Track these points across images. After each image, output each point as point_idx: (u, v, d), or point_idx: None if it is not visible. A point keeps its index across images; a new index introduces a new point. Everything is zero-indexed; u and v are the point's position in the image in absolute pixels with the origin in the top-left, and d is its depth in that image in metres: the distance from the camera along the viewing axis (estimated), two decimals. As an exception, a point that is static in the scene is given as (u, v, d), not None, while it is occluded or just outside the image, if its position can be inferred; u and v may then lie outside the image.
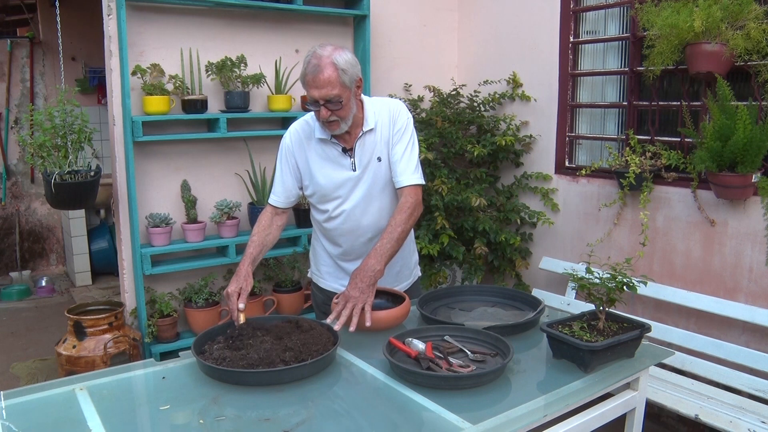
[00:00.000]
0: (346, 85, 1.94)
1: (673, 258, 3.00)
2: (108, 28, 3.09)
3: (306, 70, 1.92)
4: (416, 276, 2.41)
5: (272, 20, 3.52)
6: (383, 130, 2.12)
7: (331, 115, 1.96)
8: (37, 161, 2.94)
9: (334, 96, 1.92)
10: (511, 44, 3.80)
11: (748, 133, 2.50)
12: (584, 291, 1.77)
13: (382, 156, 2.13)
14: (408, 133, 2.14)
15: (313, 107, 1.98)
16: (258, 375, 1.59)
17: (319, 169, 2.14)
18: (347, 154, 2.11)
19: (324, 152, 2.13)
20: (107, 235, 5.47)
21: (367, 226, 2.18)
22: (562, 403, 1.53)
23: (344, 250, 2.25)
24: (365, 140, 2.11)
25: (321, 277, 2.36)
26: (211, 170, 3.46)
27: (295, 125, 2.20)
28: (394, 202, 2.18)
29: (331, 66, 1.90)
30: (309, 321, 1.88)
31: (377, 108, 2.13)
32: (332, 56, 1.91)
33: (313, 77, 1.90)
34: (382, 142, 2.12)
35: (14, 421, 1.43)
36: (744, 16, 2.57)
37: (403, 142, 2.13)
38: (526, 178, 3.72)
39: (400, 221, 2.03)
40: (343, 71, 1.92)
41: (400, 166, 2.11)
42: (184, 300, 3.36)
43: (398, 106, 2.16)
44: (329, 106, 1.94)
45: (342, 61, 1.92)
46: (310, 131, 2.14)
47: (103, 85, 4.59)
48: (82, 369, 2.84)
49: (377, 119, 2.11)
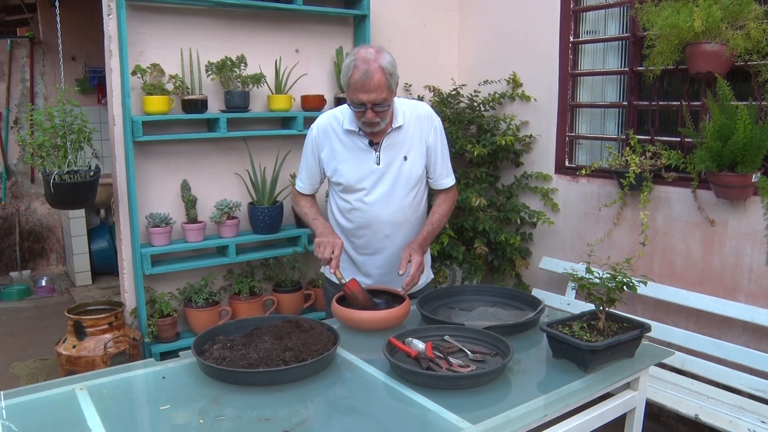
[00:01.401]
0: (392, 88, 2.01)
1: (673, 258, 3.00)
2: (108, 28, 3.09)
3: (354, 76, 1.96)
4: (428, 278, 2.43)
5: (272, 20, 3.52)
6: (412, 131, 2.18)
7: (375, 117, 2.02)
8: (36, 161, 2.94)
9: (383, 100, 1.98)
10: (511, 44, 3.80)
11: (748, 133, 2.50)
12: (584, 291, 1.77)
13: (408, 156, 2.18)
14: (444, 137, 2.26)
15: (356, 109, 2.03)
16: (258, 375, 1.58)
17: (344, 160, 2.18)
18: (373, 147, 2.15)
19: (351, 143, 2.17)
20: (107, 235, 5.47)
21: (386, 221, 2.21)
22: (562, 403, 1.53)
23: (361, 244, 2.28)
24: (392, 137, 2.15)
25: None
26: (211, 170, 3.46)
27: (323, 118, 2.25)
28: (413, 202, 2.24)
29: (380, 71, 1.95)
30: (309, 321, 1.88)
31: (406, 108, 2.19)
32: (379, 60, 1.96)
33: (364, 83, 1.94)
34: (410, 142, 2.18)
35: (14, 421, 1.43)
36: (744, 16, 2.57)
37: (442, 146, 2.25)
38: (526, 178, 3.72)
39: (446, 212, 2.28)
40: (390, 75, 1.98)
41: (444, 169, 2.28)
42: (184, 300, 3.36)
43: (428, 109, 2.24)
44: (376, 108, 1.99)
45: (388, 65, 1.98)
46: (338, 124, 2.19)
47: (103, 85, 4.59)
48: (82, 369, 2.84)
49: (405, 118, 2.17)
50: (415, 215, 2.27)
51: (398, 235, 2.24)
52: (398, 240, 2.24)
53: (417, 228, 2.27)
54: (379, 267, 2.28)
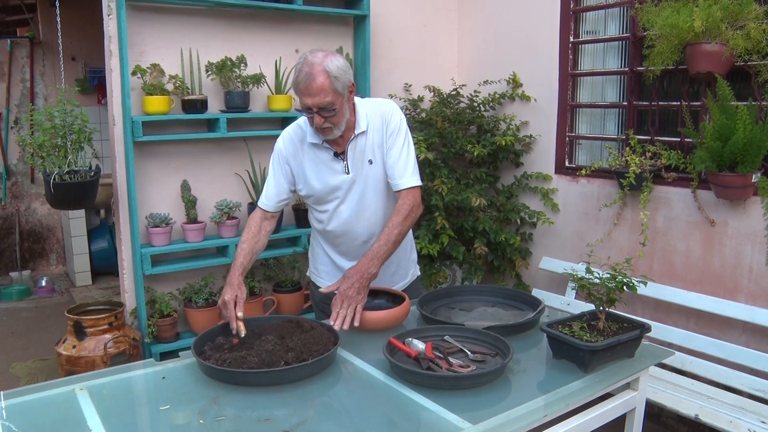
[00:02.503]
0: (338, 91, 1.92)
1: (673, 258, 3.00)
2: (108, 28, 3.09)
3: (298, 78, 1.91)
4: (414, 276, 2.41)
5: (272, 20, 3.52)
6: (375, 133, 2.11)
7: (325, 122, 1.96)
8: (36, 161, 2.94)
9: (327, 103, 1.91)
10: (511, 44, 3.80)
11: (748, 133, 2.50)
12: (584, 291, 1.77)
13: (373, 159, 2.12)
14: (402, 135, 2.12)
15: (306, 114, 1.98)
16: (259, 375, 1.58)
17: (314, 173, 2.13)
18: (339, 157, 2.11)
19: (317, 156, 2.12)
20: (107, 235, 5.47)
21: (363, 228, 2.18)
22: (562, 403, 1.53)
23: (341, 251, 2.26)
24: (357, 143, 2.10)
25: (319, 276, 2.37)
26: (211, 170, 3.46)
27: (288, 130, 2.19)
28: (388, 204, 2.18)
29: (323, 73, 1.88)
30: (309, 321, 1.88)
31: (369, 110, 2.12)
32: (324, 63, 1.89)
33: (306, 85, 1.89)
34: (374, 145, 2.11)
35: (14, 421, 1.43)
36: (744, 16, 2.57)
37: (398, 144, 2.11)
38: (526, 178, 3.72)
39: (397, 223, 2.04)
40: (336, 78, 1.90)
41: (397, 169, 2.10)
42: (184, 300, 3.36)
43: (390, 108, 2.14)
44: (323, 113, 1.93)
45: (334, 68, 1.90)
46: (303, 135, 2.14)
47: (103, 85, 4.59)
48: (82, 369, 2.84)
49: (369, 122, 2.10)
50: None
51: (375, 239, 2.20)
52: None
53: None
54: None
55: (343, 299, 1.90)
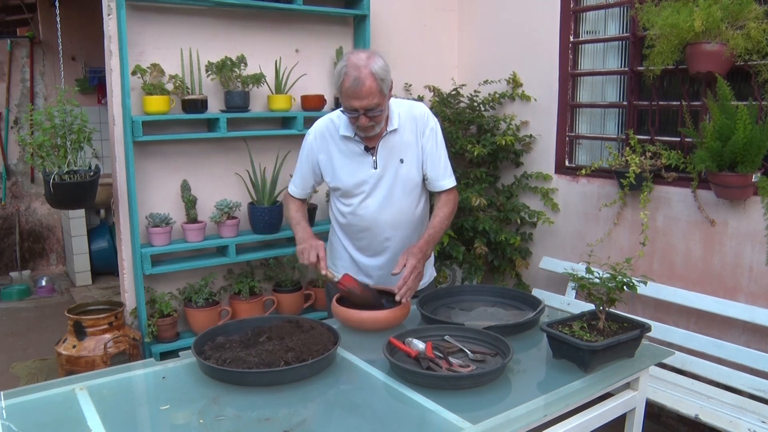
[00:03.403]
0: (383, 93, 1.99)
1: (673, 258, 3.00)
2: (108, 28, 3.09)
3: (345, 83, 1.95)
4: (432, 276, 2.45)
5: (272, 20, 3.52)
6: (407, 133, 2.17)
7: (369, 122, 2.02)
8: (36, 161, 2.94)
9: (375, 105, 1.98)
10: (511, 44, 3.80)
11: (748, 133, 2.50)
12: (584, 291, 1.77)
13: (405, 158, 2.17)
14: (440, 138, 2.23)
15: (350, 114, 2.02)
16: (259, 375, 1.58)
17: (342, 166, 2.19)
18: (369, 152, 2.15)
19: (347, 149, 2.17)
20: (107, 235, 5.47)
21: (386, 224, 2.22)
22: (562, 403, 1.53)
23: (362, 246, 2.29)
24: (388, 140, 2.15)
25: (336, 271, 2.37)
26: (211, 170, 3.46)
27: (320, 123, 2.25)
28: (414, 205, 2.24)
29: (371, 77, 1.94)
30: (309, 321, 1.88)
31: (402, 110, 2.18)
32: (370, 66, 1.95)
33: (355, 90, 1.94)
34: (406, 145, 2.17)
35: (14, 421, 1.43)
36: (744, 16, 2.57)
37: (438, 147, 2.21)
38: (526, 178, 3.72)
39: (446, 215, 2.19)
40: (382, 80, 1.97)
41: (440, 171, 2.22)
42: (184, 300, 3.36)
43: (425, 110, 2.22)
44: (369, 114, 1.99)
45: (380, 70, 1.96)
46: (334, 129, 2.19)
47: (103, 85, 4.59)
48: (82, 369, 2.84)
49: (401, 121, 2.16)
50: (415, 217, 2.27)
51: (398, 238, 2.24)
52: (398, 242, 2.24)
53: (417, 230, 2.26)
54: (380, 268, 2.28)
55: (413, 271, 1.99)
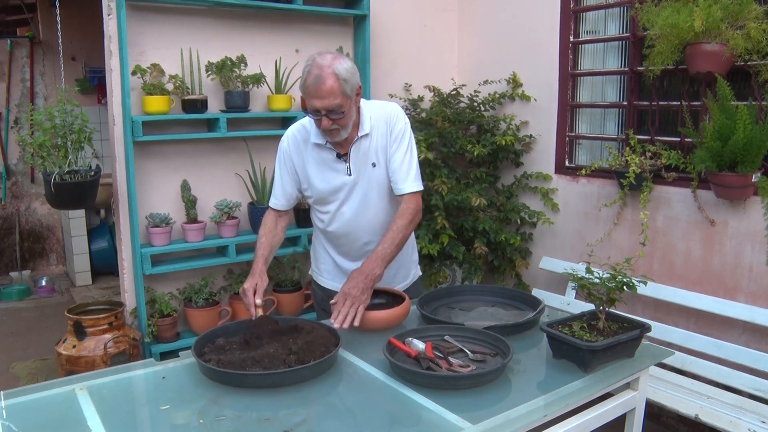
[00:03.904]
0: (347, 94, 1.94)
1: (673, 258, 3.00)
2: (108, 28, 3.09)
3: (307, 81, 1.91)
4: (415, 276, 2.42)
5: (272, 20, 3.52)
6: (379, 137, 2.12)
7: (333, 124, 1.97)
8: (37, 161, 2.94)
9: (336, 106, 1.92)
10: (511, 44, 3.80)
11: (748, 133, 2.50)
12: (584, 291, 1.77)
13: (377, 162, 2.13)
14: (406, 139, 2.14)
15: (313, 116, 1.98)
16: (260, 377, 1.58)
17: (316, 173, 2.15)
18: (342, 158, 2.11)
19: (320, 156, 2.13)
20: (107, 235, 5.47)
21: (364, 229, 2.19)
22: (562, 403, 1.53)
23: (343, 251, 2.27)
24: (360, 145, 2.11)
25: (321, 275, 2.37)
26: (211, 170, 3.46)
27: (292, 129, 2.21)
28: (390, 207, 2.19)
29: (333, 76, 1.89)
30: (310, 322, 1.89)
31: (373, 113, 2.13)
32: (333, 66, 1.90)
33: (315, 88, 1.90)
34: (377, 148, 2.12)
35: (14, 421, 1.43)
36: (744, 16, 2.57)
37: (402, 149, 2.12)
38: (526, 178, 3.72)
39: (401, 226, 2.06)
40: (345, 81, 1.91)
41: (401, 174, 2.11)
42: (184, 300, 3.36)
43: (395, 111, 2.15)
44: (331, 115, 1.94)
45: (343, 71, 1.91)
46: (307, 135, 2.15)
47: (103, 85, 4.59)
48: (82, 369, 2.84)
49: (373, 124, 2.11)
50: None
51: (378, 242, 2.18)
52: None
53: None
54: None
55: (345, 298, 1.90)
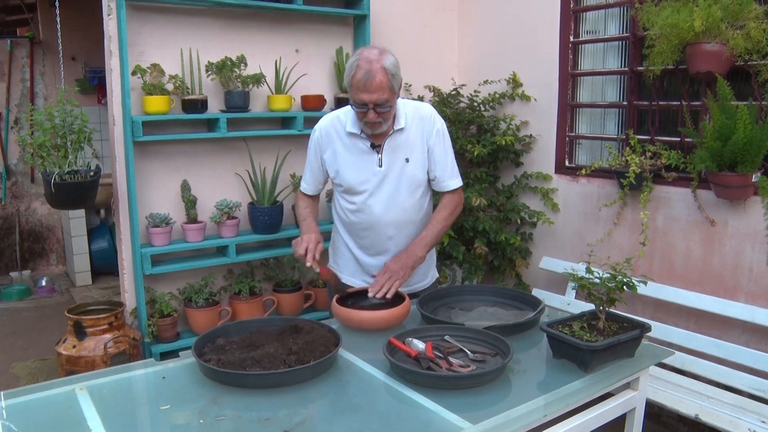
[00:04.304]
0: (394, 89, 2.01)
1: (673, 258, 3.00)
2: (108, 28, 3.09)
3: (356, 75, 1.97)
4: (434, 277, 2.46)
5: (272, 20, 3.52)
6: (414, 133, 2.18)
7: (378, 117, 2.02)
8: (37, 161, 2.94)
9: (384, 100, 1.99)
10: (511, 44, 3.80)
11: (748, 132, 2.50)
12: (584, 291, 1.77)
13: (410, 158, 2.18)
14: (447, 138, 2.25)
15: (359, 109, 2.03)
16: (260, 377, 1.58)
17: (346, 162, 2.19)
18: (375, 149, 2.16)
19: (353, 145, 2.18)
20: (107, 235, 5.47)
21: (389, 223, 2.22)
22: (562, 403, 1.53)
23: (365, 244, 2.29)
24: (395, 138, 2.16)
25: (340, 271, 2.40)
26: (211, 170, 3.46)
27: (326, 120, 2.27)
28: (419, 205, 2.25)
29: (383, 71, 1.96)
30: (310, 323, 1.89)
31: (408, 109, 2.19)
32: (382, 61, 1.97)
33: (365, 83, 1.95)
34: (411, 144, 2.18)
35: (14, 421, 1.43)
36: (744, 16, 2.57)
37: (445, 147, 2.23)
38: (526, 178, 3.72)
39: (445, 216, 2.22)
40: (393, 76, 1.99)
41: (445, 171, 2.23)
42: (184, 300, 3.36)
43: (430, 111, 2.23)
44: (378, 109, 2.00)
45: (391, 66, 1.98)
46: (341, 126, 2.20)
47: (103, 85, 4.59)
48: (82, 369, 2.84)
49: (408, 120, 2.17)
50: (419, 217, 2.27)
51: (401, 237, 2.24)
52: (401, 241, 2.24)
53: (420, 230, 2.26)
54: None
55: (386, 271, 2.05)
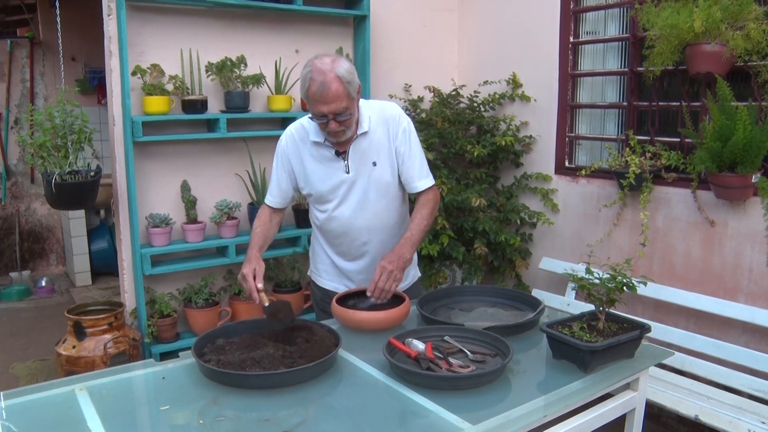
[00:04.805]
0: (351, 96, 1.96)
1: (673, 258, 3.00)
2: (108, 28, 3.09)
3: (311, 88, 1.91)
4: (415, 278, 2.42)
5: (272, 20, 3.52)
6: (379, 135, 2.13)
7: (339, 126, 1.98)
8: (37, 161, 2.94)
9: (343, 109, 1.94)
10: (511, 44, 3.80)
11: (748, 133, 2.50)
12: (584, 291, 1.77)
13: (378, 161, 2.13)
14: (413, 138, 2.18)
15: (319, 120, 1.99)
16: (260, 378, 1.58)
17: (314, 171, 2.15)
18: (340, 156, 2.12)
19: (319, 154, 2.14)
20: (107, 235, 5.47)
21: (362, 229, 2.19)
22: (562, 404, 1.53)
23: (341, 251, 2.27)
24: (359, 143, 2.11)
25: (319, 275, 2.37)
26: (211, 170, 3.46)
27: (291, 128, 2.21)
28: (390, 207, 2.21)
29: (337, 80, 1.90)
30: (310, 323, 1.89)
31: (372, 112, 2.14)
32: (335, 69, 1.91)
33: (321, 94, 1.90)
34: (377, 147, 2.13)
35: (14, 421, 1.43)
36: (744, 17, 2.57)
37: (412, 148, 2.17)
38: (526, 179, 3.72)
39: (426, 215, 2.15)
40: (348, 83, 1.93)
41: (415, 173, 2.17)
42: (184, 300, 3.36)
43: (396, 111, 2.17)
44: (338, 118, 1.95)
45: (345, 73, 1.92)
46: (306, 134, 2.15)
47: (103, 85, 4.59)
48: (82, 369, 2.84)
49: (371, 123, 2.12)
50: (392, 221, 2.23)
51: (376, 242, 2.21)
52: (376, 246, 2.21)
53: (395, 233, 2.23)
54: (361, 272, 2.26)
55: (382, 272, 1.99)
